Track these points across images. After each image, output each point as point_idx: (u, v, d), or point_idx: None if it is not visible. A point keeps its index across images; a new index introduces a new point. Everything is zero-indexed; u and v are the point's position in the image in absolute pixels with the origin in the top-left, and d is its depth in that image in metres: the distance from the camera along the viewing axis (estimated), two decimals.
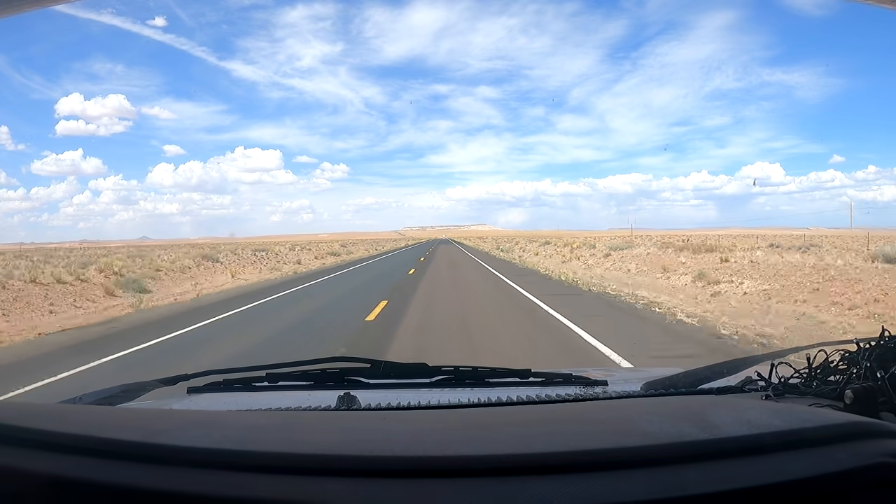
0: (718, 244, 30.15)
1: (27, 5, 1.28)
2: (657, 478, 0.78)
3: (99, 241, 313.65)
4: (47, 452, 0.83)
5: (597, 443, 0.89)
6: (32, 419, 0.97)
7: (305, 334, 9.58)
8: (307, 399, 1.49)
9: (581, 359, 7.04)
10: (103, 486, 0.78)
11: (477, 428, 1.05)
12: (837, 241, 38.08)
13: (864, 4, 1.48)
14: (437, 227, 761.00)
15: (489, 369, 1.64)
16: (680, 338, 8.41)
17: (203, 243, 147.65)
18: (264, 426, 1.06)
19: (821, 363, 1.35)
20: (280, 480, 0.78)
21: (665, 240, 38.37)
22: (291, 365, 1.67)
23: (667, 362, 6.38)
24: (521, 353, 7.44)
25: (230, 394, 1.67)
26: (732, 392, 1.46)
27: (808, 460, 0.82)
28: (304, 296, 16.41)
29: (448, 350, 7.66)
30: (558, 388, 1.56)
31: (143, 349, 8.50)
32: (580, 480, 0.77)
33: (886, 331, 1.25)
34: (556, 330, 9.19)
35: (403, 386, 1.63)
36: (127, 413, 1.34)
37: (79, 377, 6.81)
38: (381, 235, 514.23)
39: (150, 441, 0.87)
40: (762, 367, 1.49)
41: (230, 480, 0.78)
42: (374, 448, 0.87)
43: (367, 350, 7.40)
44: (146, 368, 6.88)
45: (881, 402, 1.14)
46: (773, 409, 1.13)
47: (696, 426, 0.94)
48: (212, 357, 7.76)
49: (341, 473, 0.79)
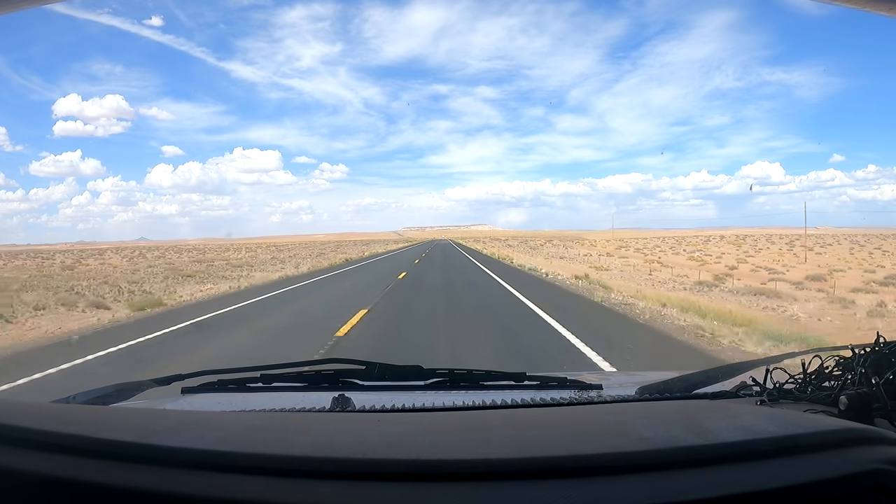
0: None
1: (25, 3, 1.27)
2: (653, 483, 0.78)
3: (95, 243, 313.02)
4: (40, 452, 0.83)
5: (592, 447, 0.89)
6: (24, 418, 0.96)
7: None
8: (301, 400, 1.48)
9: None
10: (96, 487, 0.77)
11: (472, 431, 1.04)
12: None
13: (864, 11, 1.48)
14: (436, 228, 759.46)
15: (484, 372, 1.64)
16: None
17: (202, 245, 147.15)
18: (258, 427, 1.06)
19: (816, 369, 1.35)
20: (273, 482, 0.78)
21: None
22: (286, 366, 1.66)
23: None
24: None
25: (224, 394, 1.66)
26: (727, 397, 1.46)
27: (803, 466, 0.82)
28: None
29: None
30: (553, 392, 1.56)
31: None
32: (575, 485, 0.77)
33: (882, 337, 1.25)
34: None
35: (398, 388, 1.63)
36: (121, 413, 1.33)
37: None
38: (379, 236, 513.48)
39: (143, 441, 0.87)
40: (757, 373, 1.49)
41: (223, 482, 0.77)
42: (369, 450, 0.87)
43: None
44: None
45: (876, 408, 1.13)
46: (768, 414, 1.13)
47: (691, 431, 0.94)
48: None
49: (335, 476, 0.78)
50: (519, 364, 6.63)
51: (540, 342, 8.30)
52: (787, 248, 70.08)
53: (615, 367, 6.40)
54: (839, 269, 35.62)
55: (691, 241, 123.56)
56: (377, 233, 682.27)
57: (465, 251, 59.74)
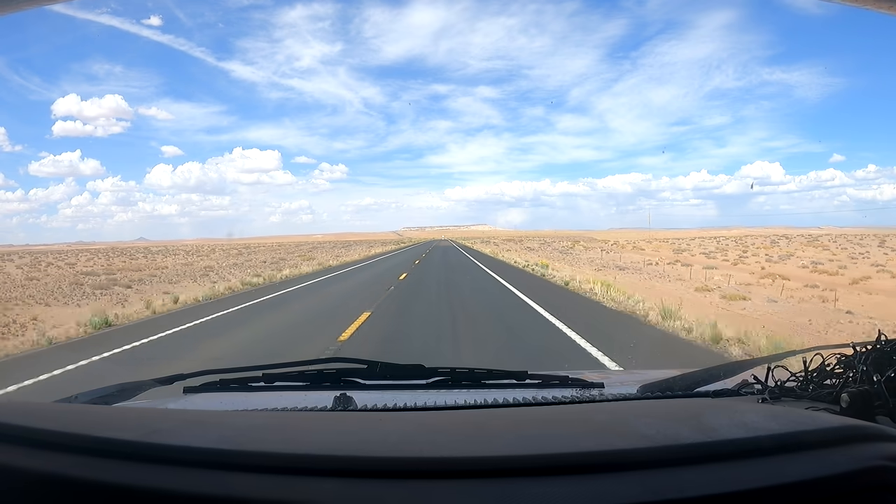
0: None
1: (24, 4, 1.28)
2: (654, 480, 0.78)
3: (94, 243, 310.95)
4: (43, 451, 0.83)
5: (594, 445, 0.89)
6: (27, 418, 0.96)
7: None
8: (303, 400, 1.48)
9: None
10: (99, 486, 0.77)
11: (473, 429, 1.05)
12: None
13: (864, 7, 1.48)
14: (436, 228, 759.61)
15: (485, 371, 1.64)
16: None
17: (201, 245, 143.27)
18: (260, 426, 1.06)
19: (817, 367, 1.35)
20: (276, 481, 0.78)
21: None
22: (288, 365, 1.66)
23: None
24: None
25: (226, 394, 1.66)
26: (729, 395, 1.46)
27: (805, 463, 0.82)
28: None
29: None
30: (555, 391, 1.56)
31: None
32: (577, 482, 0.77)
33: (883, 335, 1.25)
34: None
35: (400, 387, 1.63)
36: (123, 412, 1.33)
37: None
38: (379, 236, 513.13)
39: (145, 440, 0.87)
40: (759, 371, 1.49)
41: (226, 480, 0.78)
42: (370, 449, 0.87)
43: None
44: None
45: (877, 405, 1.14)
46: (769, 412, 1.13)
47: (693, 429, 0.94)
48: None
49: (337, 474, 0.78)
50: None
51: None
52: (856, 249, 55.82)
53: None
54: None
55: (746, 241, 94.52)
56: (377, 233, 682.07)
57: (474, 256, 41.06)
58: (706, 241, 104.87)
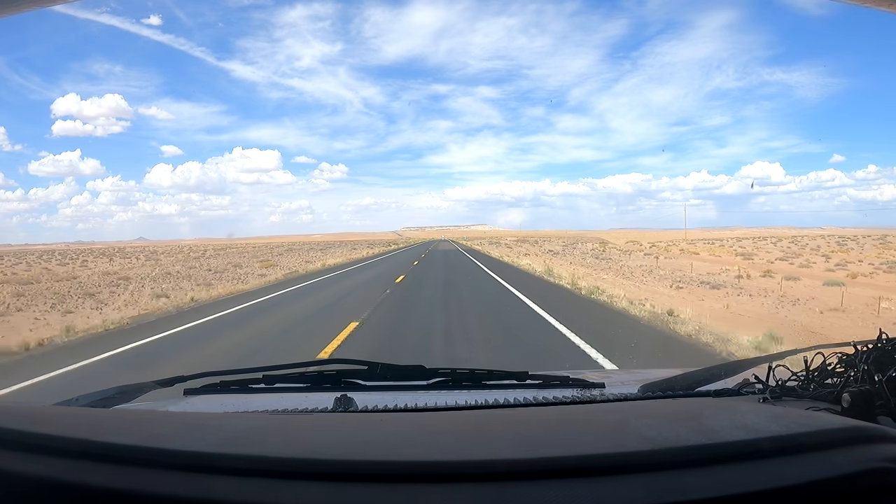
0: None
1: (25, 5, 1.27)
2: (656, 483, 0.77)
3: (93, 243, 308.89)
4: (42, 455, 0.83)
5: (595, 447, 0.89)
6: (26, 421, 0.96)
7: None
8: (304, 401, 1.48)
9: None
10: (99, 490, 0.77)
11: (474, 431, 1.04)
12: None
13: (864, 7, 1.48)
14: (436, 228, 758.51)
15: (486, 371, 1.63)
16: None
17: (200, 245, 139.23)
18: (261, 429, 1.05)
19: (818, 366, 1.35)
20: (276, 485, 0.77)
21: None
22: (288, 367, 1.66)
23: None
24: None
25: (227, 395, 1.66)
26: (730, 395, 1.46)
27: (806, 465, 0.82)
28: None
29: None
30: (555, 391, 1.55)
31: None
32: (578, 485, 0.77)
33: (884, 334, 1.25)
34: None
35: (400, 388, 1.62)
36: (123, 415, 1.33)
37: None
38: (379, 236, 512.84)
39: (146, 444, 0.87)
40: (759, 370, 1.49)
41: (226, 484, 0.77)
42: (372, 452, 0.87)
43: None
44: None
45: (878, 405, 1.13)
46: (770, 412, 1.13)
47: (694, 430, 0.94)
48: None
49: (338, 478, 0.78)
50: None
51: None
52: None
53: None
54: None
55: (799, 242, 76.02)
56: (377, 233, 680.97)
57: (488, 265, 27.80)
58: (741, 241, 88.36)
